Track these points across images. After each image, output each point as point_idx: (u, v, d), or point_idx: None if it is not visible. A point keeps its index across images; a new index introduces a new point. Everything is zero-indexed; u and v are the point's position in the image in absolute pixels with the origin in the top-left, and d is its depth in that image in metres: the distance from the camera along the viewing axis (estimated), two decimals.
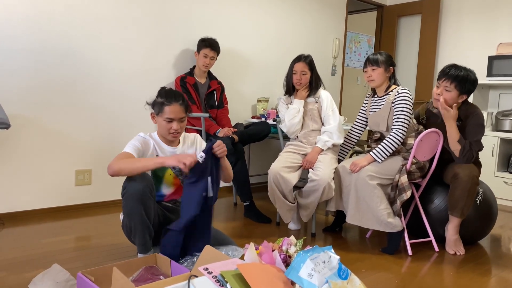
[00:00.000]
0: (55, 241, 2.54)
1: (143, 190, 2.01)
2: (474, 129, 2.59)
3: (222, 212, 3.39)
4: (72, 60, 3.11)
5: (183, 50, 3.66)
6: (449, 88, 2.56)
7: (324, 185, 2.67)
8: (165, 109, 2.11)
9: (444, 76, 2.59)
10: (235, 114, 3.93)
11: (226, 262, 1.38)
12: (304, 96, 2.97)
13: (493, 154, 4.09)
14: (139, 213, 2.02)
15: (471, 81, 2.57)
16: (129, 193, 2.01)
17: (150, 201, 2.06)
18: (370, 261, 2.44)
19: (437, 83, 2.65)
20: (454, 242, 2.61)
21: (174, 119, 2.11)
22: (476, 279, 2.24)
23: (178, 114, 2.12)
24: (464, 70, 2.58)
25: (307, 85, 2.98)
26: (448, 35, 4.87)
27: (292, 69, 2.97)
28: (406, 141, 2.68)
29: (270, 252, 1.31)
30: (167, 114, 2.11)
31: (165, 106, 2.10)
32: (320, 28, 4.70)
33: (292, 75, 2.96)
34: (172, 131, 2.14)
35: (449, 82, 2.56)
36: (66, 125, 3.13)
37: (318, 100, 2.97)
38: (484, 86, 4.44)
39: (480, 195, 2.69)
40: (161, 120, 2.14)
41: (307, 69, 2.94)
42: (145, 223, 2.06)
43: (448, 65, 2.64)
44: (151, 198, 2.07)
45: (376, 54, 2.72)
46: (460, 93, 2.57)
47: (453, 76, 2.55)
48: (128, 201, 2.02)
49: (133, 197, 2.00)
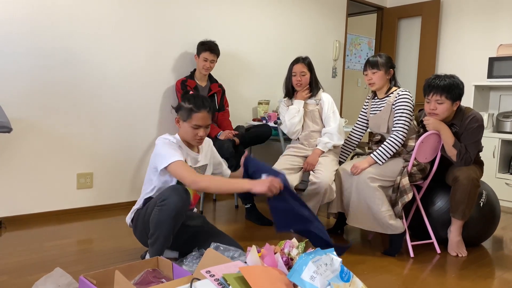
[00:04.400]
0: (57, 245, 2.54)
1: (182, 209, 2.00)
2: (471, 131, 2.58)
3: (224, 215, 3.39)
4: (73, 64, 3.12)
5: (183, 53, 3.66)
6: (441, 100, 2.54)
7: (325, 187, 2.67)
8: (193, 116, 2.09)
9: (431, 89, 2.56)
10: (236, 116, 3.93)
11: (229, 265, 1.38)
12: (304, 97, 2.98)
13: (494, 155, 4.09)
14: (169, 228, 2.01)
15: (458, 86, 2.54)
16: (168, 206, 1.97)
17: (182, 219, 2.06)
18: (371, 263, 2.44)
19: (426, 99, 2.60)
20: (457, 244, 2.61)
21: (202, 126, 2.11)
22: (478, 281, 2.24)
23: (206, 121, 2.12)
24: (447, 77, 2.55)
25: (308, 86, 2.99)
26: (448, 37, 4.87)
27: (291, 71, 2.99)
28: (407, 143, 2.68)
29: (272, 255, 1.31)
30: (195, 121, 2.09)
31: (194, 113, 2.09)
32: (320, 31, 4.71)
33: (292, 77, 2.98)
34: (198, 137, 2.14)
35: (438, 95, 2.53)
36: (67, 128, 3.13)
37: (319, 102, 2.98)
38: (485, 88, 4.44)
39: (483, 197, 2.69)
40: (187, 126, 2.12)
41: (306, 70, 2.96)
42: (169, 238, 2.05)
43: (431, 77, 2.61)
44: (183, 216, 2.07)
45: (376, 57, 2.73)
46: (453, 101, 2.56)
47: (441, 87, 2.52)
48: (163, 214, 1.97)
49: (170, 212, 1.96)
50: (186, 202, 2.01)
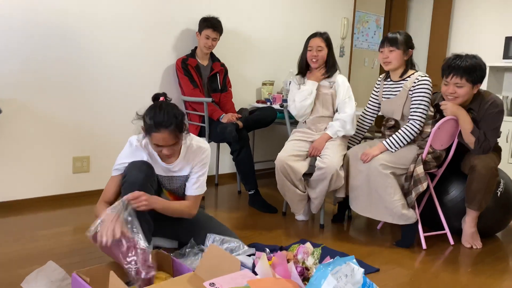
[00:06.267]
0: (52, 233, 2.42)
1: (144, 181, 1.90)
2: (490, 117, 2.41)
3: (226, 201, 3.26)
4: (68, 42, 2.93)
5: (184, 30, 3.47)
6: (460, 83, 2.35)
7: (332, 172, 2.52)
8: (152, 135, 1.85)
9: (451, 71, 2.36)
10: (239, 98, 3.76)
11: (235, 275, 1.24)
12: (319, 78, 2.77)
13: (507, 140, 3.93)
14: None
15: (481, 67, 2.35)
16: (129, 181, 1.91)
17: (151, 193, 1.95)
18: (382, 255, 2.32)
19: (445, 81, 2.42)
20: (471, 235, 2.48)
21: (163, 145, 1.88)
22: (496, 277, 2.12)
23: (167, 141, 1.84)
24: (469, 58, 2.35)
25: (323, 66, 2.78)
26: (462, 15, 4.64)
27: (307, 45, 2.76)
28: (423, 129, 2.52)
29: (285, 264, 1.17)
30: (155, 140, 1.86)
31: (153, 132, 1.84)
32: (327, 7, 4.48)
33: (307, 52, 2.76)
34: (162, 155, 1.95)
35: (458, 77, 2.34)
36: (62, 110, 2.97)
37: (333, 85, 2.77)
38: (499, 69, 4.24)
39: (501, 186, 2.54)
40: (150, 142, 1.92)
41: (324, 45, 2.73)
42: (144, 216, 1.94)
43: (451, 57, 2.41)
44: (152, 189, 1.96)
45: (395, 33, 2.52)
46: (473, 84, 2.37)
47: (462, 69, 2.32)
48: (127, 191, 1.90)
49: (133, 187, 1.88)
50: (147, 173, 1.92)
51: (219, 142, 3.43)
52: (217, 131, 3.05)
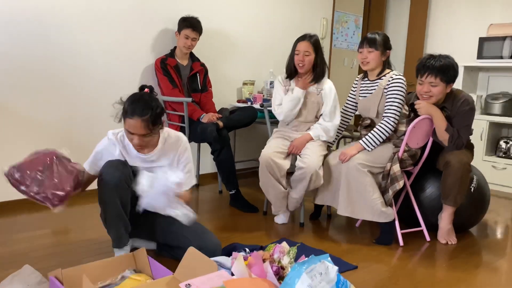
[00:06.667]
0: (29, 237, 2.38)
1: (120, 179, 1.90)
2: (463, 115, 2.49)
3: (207, 202, 3.26)
4: (46, 42, 2.88)
5: (163, 30, 3.44)
6: (435, 82, 2.42)
7: (312, 172, 2.54)
8: (126, 120, 1.87)
9: (426, 70, 2.42)
10: (219, 98, 3.76)
11: (211, 276, 1.25)
12: (306, 86, 2.72)
13: (481, 138, 4.03)
14: (115, 203, 1.91)
15: (453, 67, 2.43)
16: (105, 180, 1.90)
17: (127, 192, 1.94)
18: (361, 253, 2.36)
19: (419, 80, 2.48)
20: (447, 231, 2.54)
21: (135, 133, 1.88)
22: (470, 271, 2.18)
23: (139, 130, 1.85)
24: (443, 58, 2.43)
25: (310, 71, 2.74)
26: (438, 16, 4.74)
27: (294, 49, 2.71)
28: (398, 128, 2.57)
29: (260, 264, 1.18)
30: (127, 125, 1.87)
31: (126, 117, 1.86)
32: (307, 7, 4.52)
33: (294, 56, 2.71)
34: (133, 143, 1.93)
35: (433, 77, 2.41)
36: (39, 110, 2.92)
37: (320, 93, 2.73)
38: (474, 69, 4.35)
39: (474, 182, 2.62)
40: (124, 128, 1.92)
41: (311, 50, 2.67)
42: (120, 215, 1.94)
43: (425, 57, 2.48)
44: (128, 188, 1.95)
45: (374, 34, 2.55)
46: (447, 83, 2.44)
47: (436, 68, 2.39)
48: (103, 190, 1.91)
49: (109, 186, 1.89)
50: (123, 171, 1.92)
51: (200, 142, 3.42)
52: (198, 131, 3.04)
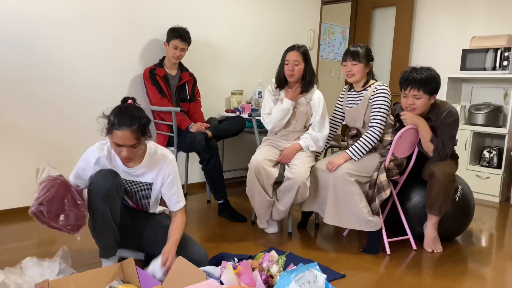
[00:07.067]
0: (15, 248, 2.34)
1: (110, 189, 1.89)
2: (447, 126, 2.55)
3: (195, 211, 3.25)
4: (31, 49, 2.87)
5: (152, 40, 3.46)
6: (418, 95, 2.47)
7: (299, 184, 2.55)
8: (113, 132, 1.83)
9: (409, 83, 2.48)
10: (208, 107, 3.77)
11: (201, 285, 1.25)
12: (295, 97, 2.74)
13: (465, 147, 4.11)
14: (104, 212, 1.90)
15: (435, 79, 2.49)
16: (95, 190, 1.89)
17: (117, 201, 1.93)
18: (348, 261, 2.38)
19: (403, 94, 2.54)
20: (433, 240, 2.58)
21: (123, 145, 1.85)
22: (456, 279, 2.21)
23: (128, 141, 1.81)
24: (424, 70, 2.49)
25: (300, 81, 2.76)
26: (422, 28, 4.84)
27: (284, 59, 2.73)
28: (383, 138, 2.61)
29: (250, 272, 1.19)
30: (115, 138, 1.83)
31: (114, 130, 1.81)
32: (294, 19, 4.58)
33: (284, 66, 2.72)
34: (121, 157, 1.90)
35: (416, 89, 2.47)
36: (26, 120, 2.89)
37: (309, 103, 2.77)
38: (457, 80, 4.44)
39: (459, 192, 2.67)
40: (111, 141, 1.89)
41: (300, 59, 2.69)
42: (110, 224, 1.93)
43: (407, 70, 2.54)
44: (118, 198, 1.94)
45: (356, 47, 2.61)
46: (430, 95, 2.50)
47: (419, 81, 2.45)
48: (93, 199, 1.89)
49: (99, 195, 1.88)
50: (114, 181, 1.91)
51: (188, 151, 3.42)
52: (186, 140, 3.04)
